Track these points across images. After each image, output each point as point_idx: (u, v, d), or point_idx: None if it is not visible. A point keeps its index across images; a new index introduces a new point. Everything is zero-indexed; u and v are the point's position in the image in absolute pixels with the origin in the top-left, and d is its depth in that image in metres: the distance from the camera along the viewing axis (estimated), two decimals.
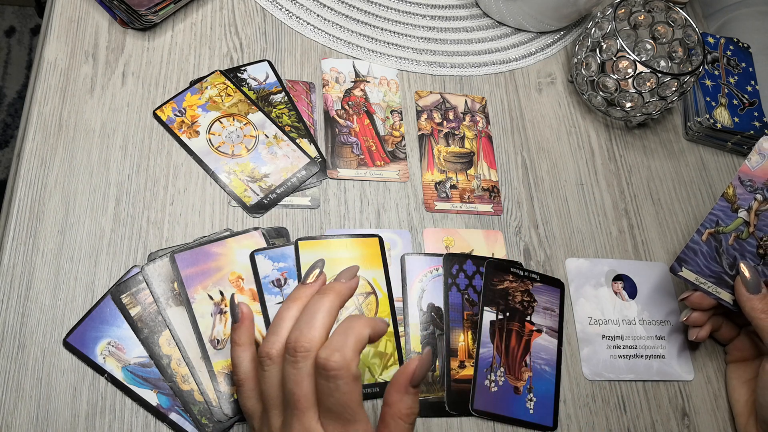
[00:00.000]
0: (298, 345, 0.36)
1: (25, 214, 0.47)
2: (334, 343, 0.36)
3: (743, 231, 0.52)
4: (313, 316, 0.37)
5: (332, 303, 0.38)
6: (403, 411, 0.37)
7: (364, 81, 0.61)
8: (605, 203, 0.61)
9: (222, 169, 0.52)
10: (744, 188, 0.53)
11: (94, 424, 0.42)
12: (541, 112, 0.64)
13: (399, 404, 0.37)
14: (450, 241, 0.55)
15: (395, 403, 0.37)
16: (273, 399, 0.37)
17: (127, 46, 0.55)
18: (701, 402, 0.54)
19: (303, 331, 0.37)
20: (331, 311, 0.38)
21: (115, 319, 0.45)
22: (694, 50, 0.62)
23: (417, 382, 0.37)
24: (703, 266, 0.51)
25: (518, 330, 0.52)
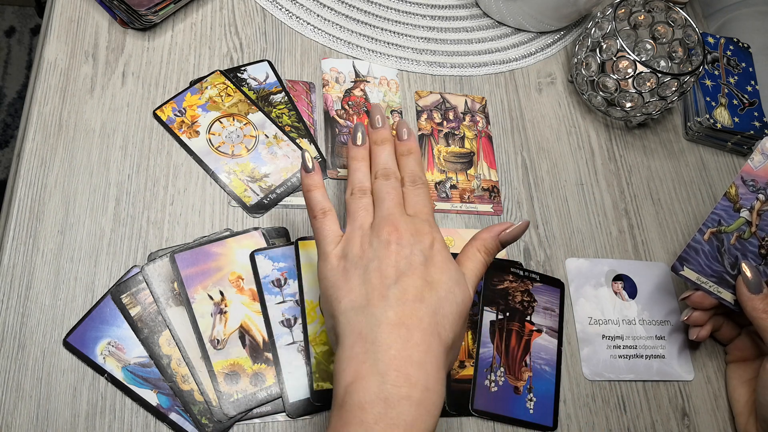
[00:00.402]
0: (388, 171, 0.46)
1: (25, 214, 0.47)
2: (415, 171, 0.47)
3: (745, 231, 0.52)
4: (386, 159, 0.47)
5: (391, 148, 0.47)
6: (487, 245, 0.44)
7: (364, 81, 0.61)
8: (605, 203, 0.61)
9: (222, 169, 0.52)
10: (746, 188, 0.53)
11: (94, 424, 0.42)
12: (541, 112, 0.64)
13: (485, 241, 0.44)
14: (450, 241, 0.55)
15: (482, 238, 0.44)
16: (369, 209, 0.44)
17: (127, 46, 0.55)
18: (701, 402, 0.54)
19: (388, 165, 0.46)
20: (393, 154, 0.47)
21: (115, 319, 0.45)
22: (694, 50, 0.62)
23: (505, 239, 0.45)
24: (704, 266, 0.51)
25: (518, 330, 0.52)
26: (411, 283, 0.39)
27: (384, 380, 0.35)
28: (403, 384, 0.35)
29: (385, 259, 0.40)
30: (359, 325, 0.38)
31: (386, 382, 0.35)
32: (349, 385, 0.36)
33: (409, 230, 0.42)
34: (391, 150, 0.47)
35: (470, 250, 0.44)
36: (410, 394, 0.35)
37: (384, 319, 0.37)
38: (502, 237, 0.45)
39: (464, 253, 0.44)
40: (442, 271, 0.40)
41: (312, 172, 0.45)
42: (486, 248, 0.44)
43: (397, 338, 0.37)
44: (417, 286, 0.39)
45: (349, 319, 0.38)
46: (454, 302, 0.40)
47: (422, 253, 0.41)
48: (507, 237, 0.45)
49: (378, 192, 0.45)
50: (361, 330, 0.37)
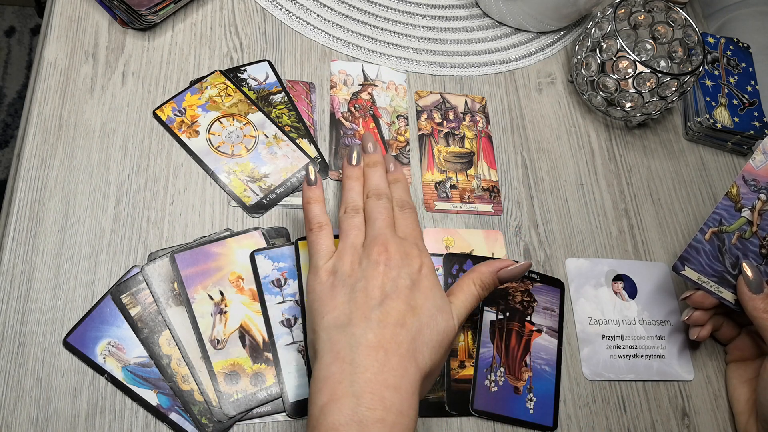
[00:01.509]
0: (380, 191, 0.46)
1: (25, 214, 0.47)
2: (403, 198, 0.47)
3: (746, 230, 0.52)
4: (379, 180, 0.47)
5: (383, 172, 0.48)
6: (484, 279, 0.45)
7: (372, 85, 0.61)
8: (605, 203, 0.61)
9: (222, 169, 0.52)
10: (748, 187, 0.53)
11: (94, 424, 0.42)
12: (541, 112, 0.64)
13: (482, 275, 0.45)
14: (450, 241, 0.55)
15: (479, 272, 0.45)
16: (361, 228, 0.45)
17: (127, 46, 0.55)
18: (701, 402, 0.54)
19: (380, 185, 0.47)
20: (385, 177, 0.48)
21: (115, 319, 0.45)
22: (694, 50, 0.62)
23: (504, 276, 0.45)
24: (705, 265, 0.51)
25: (518, 330, 0.52)
26: (394, 307, 0.39)
27: (359, 402, 0.36)
28: (378, 407, 0.36)
29: (372, 280, 0.40)
30: (339, 344, 0.38)
31: (361, 405, 0.36)
32: (324, 405, 0.36)
33: (399, 252, 0.42)
34: (383, 172, 0.48)
35: (465, 282, 0.44)
36: (384, 417, 0.36)
37: (363, 341, 0.38)
38: (501, 274, 0.45)
39: (459, 283, 0.45)
40: (427, 297, 0.41)
41: (314, 186, 0.46)
42: (482, 282, 0.45)
43: (374, 361, 0.37)
44: (400, 310, 0.39)
45: (330, 335, 0.39)
46: (436, 330, 0.40)
47: (409, 276, 0.41)
48: (506, 275, 0.45)
49: (370, 212, 0.45)
50: (340, 350, 0.38)
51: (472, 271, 0.45)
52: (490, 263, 0.45)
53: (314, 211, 0.45)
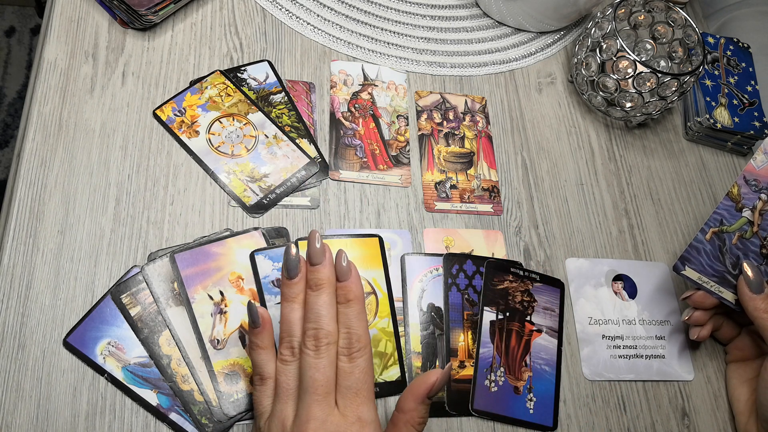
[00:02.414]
0: (319, 335, 0.39)
1: (25, 214, 0.47)
2: (354, 330, 0.39)
3: (747, 230, 0.52)
4: (320, 313, 0.40)
5: (330, 296, 0.40)
6: (416, 419, 0.40)
7: (372, 85, 0.61)
8: (605, 203, 0.61)
9: (222, 169, 0.52)
10: (749, 187, 0.53)
11: (94, 424, 0.42)
12: (541, 112, 0.64)
13: (413, 412, 0.40)
14: (450, 241, 0.55)
15: (410, 411, 0.40)
16: (291, 391, 0.39)
17: (127, 46, 0.55)
18: (701, 402, 0.54)
19: (321, 324, 0.39)
20: (332, 303, 0.40)
21: (115, 319, 0.45)
22: (694, 50, 0.62)
23: (434, 394, 0.40)
24: (706, 265, 0.51)
25: (518, 330, 0.52)
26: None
27: None
28: None
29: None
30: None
31: None
32: None
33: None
34: (329, 299, 0.40)
35: (402, 427, 0.40)
36: None
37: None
38: (432, 393, 0.40)
39: (395, 426, 0.40)
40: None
41: (259, 329, 0.40)
42: (416, 420, 0.40)
43: None
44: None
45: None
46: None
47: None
48: (436, 390, 0.40)
49: (304, 363, 0.39)
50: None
51: (401, 411, 0.40)
52: (414, 390, 0.40)
53: (258, 359, 0.40)
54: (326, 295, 0.40)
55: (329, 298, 0.40)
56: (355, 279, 0.41)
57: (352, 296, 0.40)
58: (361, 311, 0.40)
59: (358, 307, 0.40)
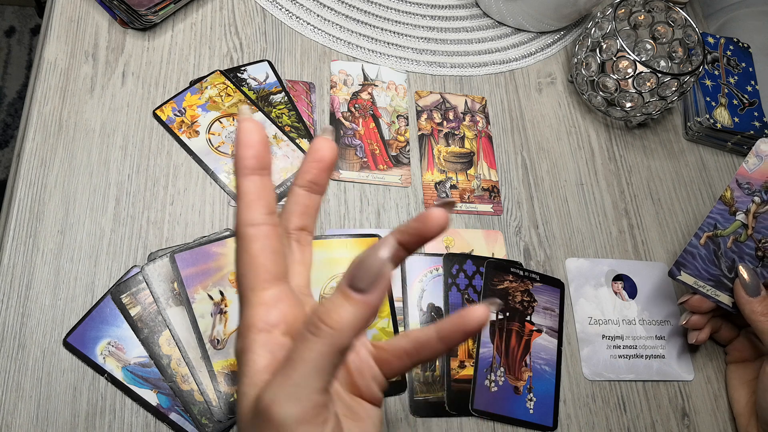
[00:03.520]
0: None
1: (25, 214, 0.47)
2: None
3: (741, 233, 0.52)
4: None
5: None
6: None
7: (372, 85, 0.61)
8: (605, 203, 0.61)
9: (222, 169, 0.52)
10: (741, 191, 0.53)
11: (94, 424, 0.42)
12: (541, 112, 0.64)
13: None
14: (450, 241, 0.55)
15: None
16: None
17: (127, 46, 0.55)
18: (701, 402, 0.54)
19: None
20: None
21: (115, 319, 0.45)
22: (694, 50, 0.62)
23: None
24: (701, 270, 0.51)
25: (518, 330, 0.52)
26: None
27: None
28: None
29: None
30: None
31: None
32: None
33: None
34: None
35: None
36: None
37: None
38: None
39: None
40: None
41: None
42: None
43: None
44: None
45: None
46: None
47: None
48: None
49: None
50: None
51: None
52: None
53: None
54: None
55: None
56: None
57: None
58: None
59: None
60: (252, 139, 0.29)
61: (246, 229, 0.29)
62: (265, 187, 0.30)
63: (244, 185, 0.30)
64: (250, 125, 0.30)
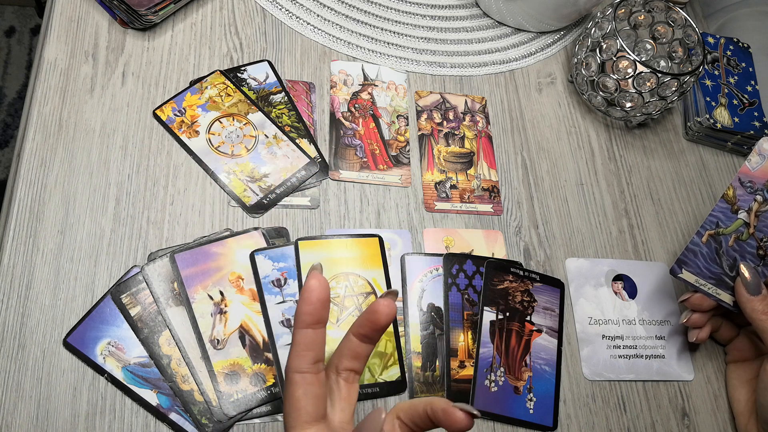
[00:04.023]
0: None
1: (25, 214, 0.47)
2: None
3: (743, 232, 0.52)
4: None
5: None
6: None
7: (372, 85, 0.61)
8: (605, 203, 0.61)
9: (222, 169, 0.52)
10: (744, 189, 0.53)
11: (94, 424, 0.42)
12: (541, 112, 0.64)
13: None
14: (450, 241, 0.55)
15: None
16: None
17: (127, 46, 0.55)
18: (701, 402, 0.54)
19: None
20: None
21: (115, 319, 0.45)
22: (694, 50, 0.62)
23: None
24: (703, 268, 0.51)
25: (518, 330, 0.52)
26: None
27: None
28: None
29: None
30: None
31: None
32: None
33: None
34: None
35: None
36: None
37: None
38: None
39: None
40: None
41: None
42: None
43: None
44: None
45: None
46: None
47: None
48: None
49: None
50: None
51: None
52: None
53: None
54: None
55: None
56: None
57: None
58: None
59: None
60: (313, 297, 0.34)
61: (293, 375, 0.35)
62: (315, 340, 0.35)
63: (297, 336, 0.35)
64: (315, 284, 0.35)
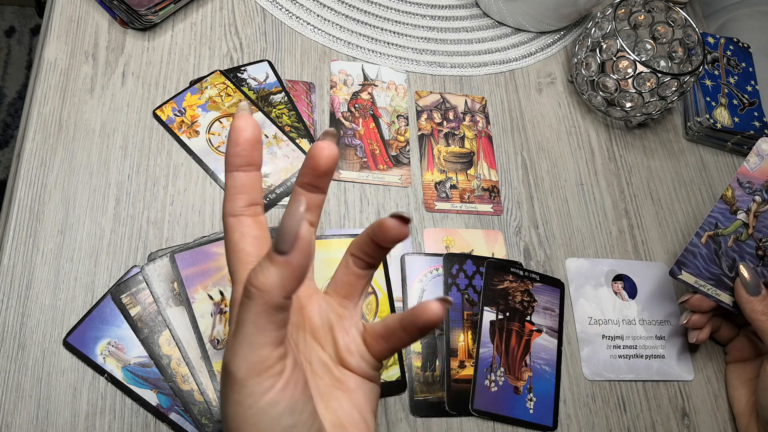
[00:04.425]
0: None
1: (25, 214, 0.47)
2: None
3: (742, 233, 0.52)
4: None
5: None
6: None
7: (372, 85, 0.61)
8: (605, 203, 0.61)
9: (222, 169, 0.52)
10: (742, 190, 0.53)
11: (94, 424, 0.42)
12: (541, 112, 0.64)
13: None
14: (450, 241, 0.55)
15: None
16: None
17: (127, 46, 0.55)
18: (701, 402, 0.54)
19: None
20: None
21: (115, 319, 0.45)
22: (694, 50, 0.62)
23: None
24: (702, 269, 0.51)
25: (518, 330, 0.52)
26: None
27: None
28: None
29: None
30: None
31: None
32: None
33: None
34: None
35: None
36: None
37: None
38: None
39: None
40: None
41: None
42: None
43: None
44: None
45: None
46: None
47: None
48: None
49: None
50: None
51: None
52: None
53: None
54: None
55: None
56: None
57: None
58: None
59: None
60: (240, 138, 0.31)
61: (228, 219, 0.32)
62: (248, 183, 0.32)
63: (228, 180, 0.32)
64: (242, 123, 0.31)
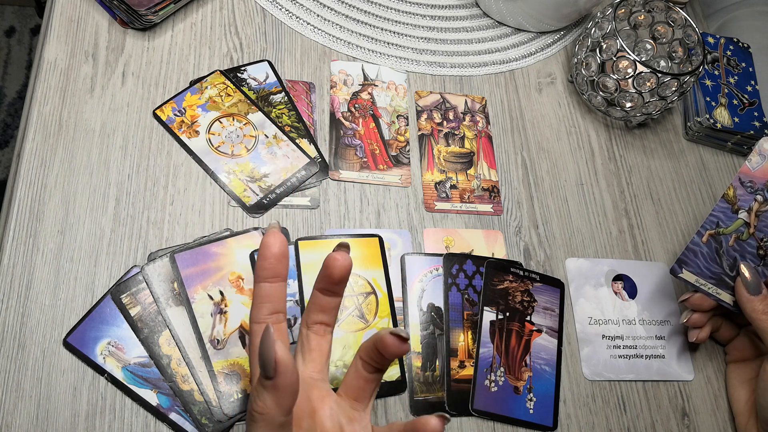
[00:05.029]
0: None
1: (25, 214, 0.47)
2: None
3: (743, 232, 0.52)
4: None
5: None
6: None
7: (372, 85, 0.61)
8: (605, 203, 0.61)
9: (222, 169, 0.52)
10: (744, 189, 0.53)
11: (94, 424, 0.42)
12: (541, 112, 0.64)
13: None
14: (450, 241, 0.55)
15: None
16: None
17: (127, 46, 0.55)
18: (701, 402, 0.54)
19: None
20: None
21: (115, 319, 0.45)
22: (694, 50, 0.62)
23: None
24: (703, 268, 0.51)
25: (518, 330, 0.52)
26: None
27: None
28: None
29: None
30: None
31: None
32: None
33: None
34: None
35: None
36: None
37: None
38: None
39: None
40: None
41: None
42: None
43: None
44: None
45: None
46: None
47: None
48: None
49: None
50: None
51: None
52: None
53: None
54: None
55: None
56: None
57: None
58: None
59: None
60: (268, 253, 0.37)
61: (253, 326, 0.37)
62: (272, 293, 0.37)
63: (255, 289, 0.38)
64: (271, 240, 0.37)
